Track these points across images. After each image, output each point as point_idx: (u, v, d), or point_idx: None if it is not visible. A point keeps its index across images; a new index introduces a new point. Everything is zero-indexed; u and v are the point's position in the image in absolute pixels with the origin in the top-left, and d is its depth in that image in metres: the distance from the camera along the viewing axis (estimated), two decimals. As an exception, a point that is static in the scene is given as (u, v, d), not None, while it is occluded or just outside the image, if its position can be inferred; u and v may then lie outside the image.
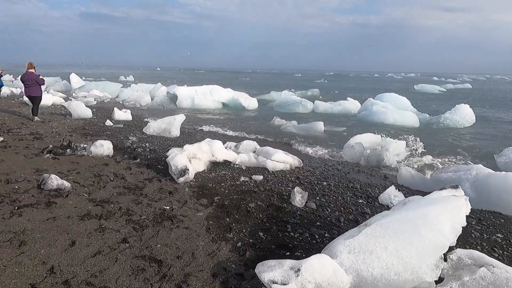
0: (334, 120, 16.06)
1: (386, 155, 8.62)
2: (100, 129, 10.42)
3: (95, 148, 6.88)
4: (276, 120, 14.81)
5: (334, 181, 6.34)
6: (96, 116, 13.07)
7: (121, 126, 11.28)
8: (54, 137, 8.52)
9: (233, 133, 12.11)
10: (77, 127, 10.39)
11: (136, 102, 19.68)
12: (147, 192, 4.90)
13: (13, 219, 3.65)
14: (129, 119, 13.09)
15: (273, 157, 6.99)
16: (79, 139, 8.52)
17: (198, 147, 6.48)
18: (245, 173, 6.40)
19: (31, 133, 8.70)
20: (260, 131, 12.73)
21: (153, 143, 8.92)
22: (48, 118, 11.56)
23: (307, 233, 3.96)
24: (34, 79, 10.42)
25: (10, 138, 7.94)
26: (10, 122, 10.16)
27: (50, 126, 10.09)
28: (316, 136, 12.05)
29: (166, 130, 10.29)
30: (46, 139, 8.09)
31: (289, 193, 5.30)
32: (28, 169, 5.55)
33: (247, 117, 16.67)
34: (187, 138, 10.17)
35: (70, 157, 6.53)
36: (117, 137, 9.29)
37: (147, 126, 10.50)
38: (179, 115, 10.68)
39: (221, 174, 6.22)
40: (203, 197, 4.91)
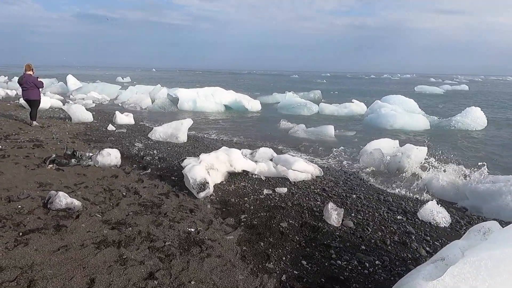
0: (341, 124, 15.62)
1: (408, 162, 8.17)
2: (103, 135, 9.86)
3: (102, 158, 6.35)
4: (282, 123, 14.35)
5: (363, 193, 5.87)
6: (96, 120, 12.50)
7: (124, 131, 10.73)
8: (56, 144, 7.96)
9: (240, 138, 11.60)
10: (79, 133, 9.83)
11: (136, 104, 19.09)
12: (165, 210, 4.38)
13: (19, 249, 3.12)
14: (132, 123, 12.53)
15: (293, 166, 6.51)
16: (82, 146, 7.97)
17: (215, 156, 5.98)
18: (266, 185, 5.92)
19: (30, 140, 8.13)
20: (269, 135, 12.24)
21: (160, 150, 8.40)
22: (47, 123, 10.99)
23: (355, 260, 3.48)
24: (33, 82, 9.84)
25: (8, 145, 7.37)
26: (7, 127, 9.58)
27: (50, 132, 9.52)
28: (327, 141, 11.59)
29: (173, 135, 9.77)
30: (47, 147, 7.54)
31: (320, 209, 4.82)
32: (31, 183, 5.01)
33: (252, 120, 16.17)
34: (195, 144, 9.66)
35: (75, 168, 5.99)
36: (122, 144, 8.75)
37: (153, 131, 9.97)
38: (186, 119, 10.16)
39: (241, 187, 5.72)
40: (229, 216, 4.41)
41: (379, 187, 6.60)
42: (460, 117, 14.72)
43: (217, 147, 9.38)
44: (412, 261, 3.55)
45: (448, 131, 14.03)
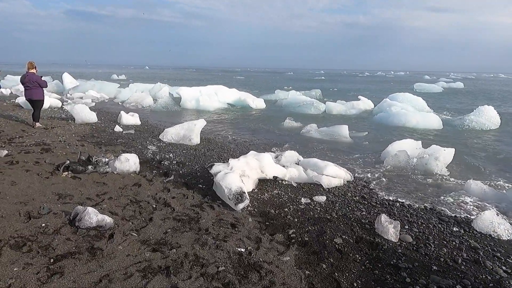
0: (351, 123, 15.23)
1: (437, 165, 7.82)
2: (111, 137, 9.33)
3: (120, 164, 5.86)
4: (287, 122, 13.90)
5: (406, 200, 5.49)
6: (101, 121, 11.93)
7: (132, 132, 10.20)
8: (64, 147, 7.43)
9: (252, 139, 11.12)
10: (85, 134, 9.28)
11: (138, 103, 18.49)
12: (205, 225, 3.93)
13: (55, 281, 2.65)
14: (138, 123, 11.99)
15: (325, 171, 6.10)
16: (93, 150, 7.45)
17: (246, 162, 5.53)
18: (299, 192, 5.49)
19: (37, 143, 7.59)
20: (281, 135, 11.80)
21: (176, 153, 7.92)
22: (50, 124, 10.41)
23: (435, 286, 3.07)
24: (36, 81, 9.26)
25: (15, 150, 6.83)
26: (9, 129, 9.00)
27: (55, 134, 8.96)
28: (342, 141, 11.19)
29: (185, 137, 9.28)
30: (56, 151, 7.01)
31: (369, 221, 4.42)
32: (49, 195, 4.51)
33: (258, 119, 15.68)
34: (209, 146, 9.18)
35: (93, 176, 5.49)
36: (134, 147, 8.25)
37: (164, 132, 9.46)
38: (199, 120, 9.67)
39: (275, 195, 5.29)
40: (275, 231, 3.98)
41: (420, 193, 6.20)
42: (473, 116, 14.43)
43: (232, 149, 8.96)
44: (496, 284, 3.16)
45: (462, 131, 13.73)
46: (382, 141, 11.61)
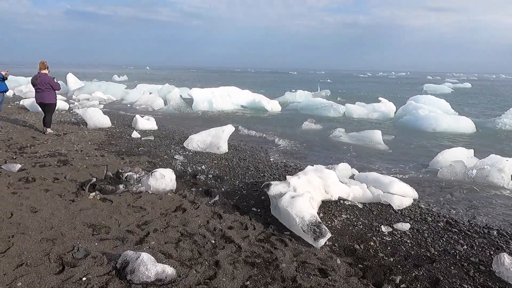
0: (376, 126, 14.35)
1: (502, 177, 6.96)
2: (130, 144, 8.43)
3: (155, 181, 4.97)
4: (306, 124, 13.02)
5: (498, 225, 4.61)
6: (114, 125, 11.03)
7: (151, 139, 9.30)
8: (83, 158, 6.53)
9: (281, 146, 10.23)
10: (102, 142, 8.38)
11: (148, 106, 17.58)
12: (289, 272, 3.04)
13: None
14: (154, 128, 11.09)
15: (391, 188, 5.22)
16: (115, 161, 6.55)
17: (307, 180, 4.64)
18: (370, 216, 4.62)
19: (51, 154, 6.69)
20: (308, 141, 10.91)
21: (207, 164, 7.03)
22: (61, 129, 9.50)
23: None
24: (49, 83, 8.35)
25: (28, 163, 5.93)
26: (17, 137, 8.09)
27: (69, 141, 8.06)
28: (378, 148, 10.30)
29: (213, 144, 8.38)
30: (75, 163, 6.11)
31: (479, 259, 3.53)
32: (79, 226, 3.62)
33: (277, 123, 14.77)
34: (239, 154, 8.28)
35: (126, 197, 4.60)
36: (159, 156, 7.36)
37: (189, 139, 8.56)
38: (227, 126, 8.77)
39: (346, 221, 4.41)
40: (377, 278, 3.09)
41: (503, 214, 5.31)
42: (506, 118, 13.60)
43: (264, 158, 8.05)
44: None
45: (498, 134, 12.87)
46: (419, 147, 10.74)
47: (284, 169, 7.10)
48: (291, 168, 7.16)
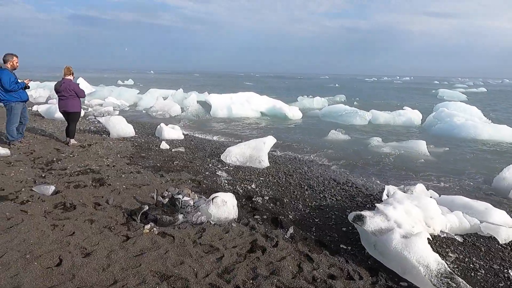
0: (407, 135, 13.62)
1: None
2: (162, 157, 7.66)
3: (217, 209, 4.18)
4: (332, 133, 12.19)
5: None
6: (138, 134, 10.28)
7: (182, 151, 8.54)
8: (119, 176, 5.76)
9: (318, 157, 9.43)
10: (132, 155, 7.62)
11: (165, 112, 16.85)
12: None
13: None
14: (181, 138, 10.33)
15: (491, 217, 4.43)
16: (155, 179, 5.78)
17: (405, 211, 3.85)
18: (479, 254, 3.82)
19: (82, 170, 5.93)
20: (344, 151, 10.11)
21: (256, 182, 6.24)
22: (84, 139, 8.75)
23: None
24: (73, 89, 7.62)
25: (60, 182, 5.17)
26: (40, 149, 7.34)
27: (97, 154, 7.30)
28: (424, 160, 9.46)
29: (253, 158, 7.61)
30: (112, 183, 5.33)
31: None
32: (148, 278, 2.83)
33: (303, 131, 13.98)
34: (282, 168, 7.47)
35: (188, 230, 3.82)
36: (201, 173, 6.58)
37: (227, 152, 7.79)
38: (268, 137, 8.00)
39: (457, 262, 3.61)
40: None
41: None
42: (550, 127, 12.78)
43: (315, 176, 7.18)
44: None
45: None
46: (470, 159, 9.88)
47: (342, 188, 6.30)
48: (350, 187, 6.36)
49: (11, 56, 7.02)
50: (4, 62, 6.98)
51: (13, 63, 7.07)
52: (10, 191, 4.62)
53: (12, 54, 7.07)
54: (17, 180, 5.11)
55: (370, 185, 6.74)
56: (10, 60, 7.02)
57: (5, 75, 6.87)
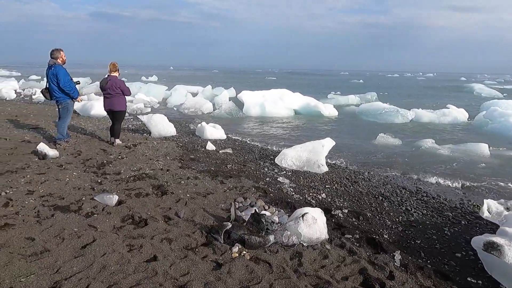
0: (457, 136, 12.69)
1: None
2: (213, 159, 7.15)
3: (308, 228, 3.60)
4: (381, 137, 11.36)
5: None
6: (179, 134, 9.83)
7: (230, 152, 8.01)
8: (177, 182, 5.27)
9: (367, 158, 8.71)
10: (181, 157, 7.13)
11: (197, 109, 16.42)
12: None
13: None
14: (223, 137, 9.83)
15: None
16: (216, 187, 5.25)
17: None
18: None
19: (137, 175, 5.46)
20: (401, 154, 9.34)
21: (324, 190, 5.64)
22: (127, 139, 8.34)
23: None
24: (119, 87, 7.19)
25: (119, 189, 4.71)
26: (86, 149, 6.95)
27: (145, 156, 6.85)
28: (488, 164, 8.56)
29: (311, 162, 7.00)
30: (175, 191, 4.82)
31: None
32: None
33: (344, 131, 13.20)
34: (343, 174, 6.86)
35: (281, 254, 3.26)
36: (261, 178, 6.02)
37: (282, 155, 7.21)
38: (326, 139, 7.36)
39: None
40: None
41: None
42: None
43: (381, 183, 6.53)
44: None
45: None
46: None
47: (419, 199, 5.61)
48: (428, 198, 5.67)
49: (58, 52, 6.68)
50: (54, 58, 6.64)
51: (62, 58, 6.73)
52: (70, 200, 4.18)
53: (58, 49, 6.72)
54: (74, 187, 4.68)
55: (448, 196, 6.01)
56: (60, 56, 6.67)
57: (62, 71, 6.59)
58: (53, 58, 6.63)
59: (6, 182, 4.62)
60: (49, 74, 6.65)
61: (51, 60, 6.64)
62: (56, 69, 6.55)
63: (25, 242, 3.14)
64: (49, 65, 6.68)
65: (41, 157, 6.01)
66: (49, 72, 6.67)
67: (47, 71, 6.74)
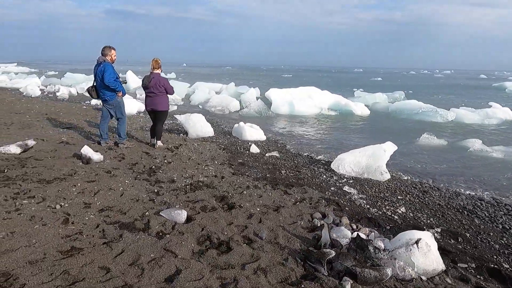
0: (494, 135, 11.87)
1: None
2: (265, 164, 6.59)
3: (424, 257, 3.00)
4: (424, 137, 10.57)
5: None
6: (215, 134, 9.31)
7: (277, 156, 7.44)
8: (239, 192, 4.71)
9: (419, 162, 8.01)
10: (229, 161, 6.58)
11: (224, 108, 15.91)
12: None
13: None
14: (262, 138, 9.27)
15: None
16: (284, 199, 4.68)
17: None
18: None
19: (194, 184, 4.93)
20: (452, 159, 8.58)
21: (398, 203, 5.02)
22: (165, 140, 7.84)
23: None
24: (164, 85, 6.69)
25: (181, 201, 4.18)
26: (129, 153, 6.43)
27: (192, 160, 6.33)
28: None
29: (371, 168, 6.37)
30: (241, 203, 4.27)
31: None
32: None
33: (380, 131, 12.42)
34: (404, 180, 6.23)
35: (402, 292, 2.68)
36: (323, 187, 5.44)
37: (339, 160, 6.60)
38: (387, 143, 6.71)
39: None
40: None
41: None
42: None
43: (450, 191, 5.92)
44: None
45: None
46: None
47: (508, 214, 4.95)
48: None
49: (109, 50, 6.28)
50: (104, 55, 6.25)
51: (111, 56, 6.34)
52: (134, 216, 3.67)
53: (110, 47, 6.33)
54: (132, 198, 4.18)
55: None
56: (109, 54, 6.28)
57: (109, 69, 6.18)
58: (103, 55, 6.24)
59: (57, 192, 4.15)
60: (97, 71, 6.25)
61: (100, 57, 6.24)
62: (104, 66, 6.16)
63: (100, 273, 2.63)
64: (98, 63, 6.28)
65: (85, 161, 5.55)
66: (97, 69, 6.27)
67: (95, 69, 6.35)
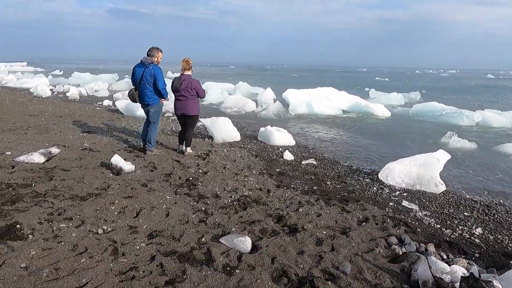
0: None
1: None
2: (306, 174, 6.05)
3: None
4: (448, 135, 10.00)
5: None
6: (241, 139, 8.77)
7: (314, 164, 6.91)
8: (295, 210, 4.18)
9: (454, 168, 7.46)
10: (266, 170, 6.05)
11: (240, 109, 15.37)
12: None
13: None
14: (292, 143, 8.72)
15: None
16: (348, 220, 4.16)
17: None
18: None
19: (241, 200, 4.39)
20: (496, 164, 8.03)
21: (470, 222, 4.49)
22: (192, 146, 7.32)
23: None
24: (195, 88, 6.16)
25: (235, 223, 3.66)
26: (159, 162, 5.89)
27: (227, 169, 5.79)
28: None
29: (423, 179, 5.82)
30: (300, 224, 3.76)
31: None
32: None
33: (404, 134, 11.81)
34: (457, 191, 5.68)
35: None
36: (379, 202, 4.90)
37: (387, 170, 6.05)
38: (439, 151, 6.15)
39: None
40: None
41: None
42: None
43: (508, 201, 5.42)
44: None
45: None
46: None
47: None
48: None
49: (157, 51, 5.90)
50: (151, 56, 5.84)
51: (157, 58, 5.92)
52: (190, 243, 3.14)
53: (158, 49, 5.94)
54: (180, 219, 3.65)
55: None
56: (156, 56, 5.88)
57: (161, 73, 5.86)
58: (149, 56, 5.81)
59: (95, 212, 3.63)
60: (145, 74, 5.78)
61: (147, 59, 5.78)
62: (154, 69, 5.74)
63: (174, 329, 2.10)
64: (143, 64, 5.80)
65: (115, 172, 5.04)
66: (144, 71, 5.79)
67: (137, 70, 5.89)
